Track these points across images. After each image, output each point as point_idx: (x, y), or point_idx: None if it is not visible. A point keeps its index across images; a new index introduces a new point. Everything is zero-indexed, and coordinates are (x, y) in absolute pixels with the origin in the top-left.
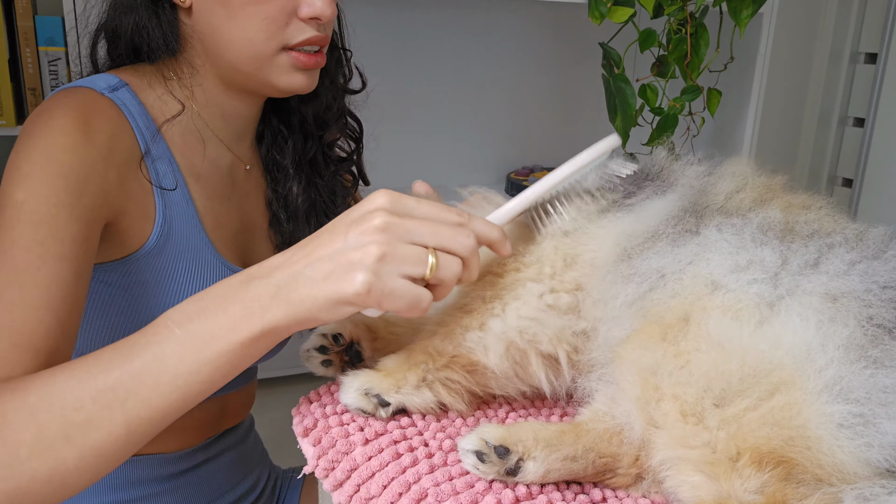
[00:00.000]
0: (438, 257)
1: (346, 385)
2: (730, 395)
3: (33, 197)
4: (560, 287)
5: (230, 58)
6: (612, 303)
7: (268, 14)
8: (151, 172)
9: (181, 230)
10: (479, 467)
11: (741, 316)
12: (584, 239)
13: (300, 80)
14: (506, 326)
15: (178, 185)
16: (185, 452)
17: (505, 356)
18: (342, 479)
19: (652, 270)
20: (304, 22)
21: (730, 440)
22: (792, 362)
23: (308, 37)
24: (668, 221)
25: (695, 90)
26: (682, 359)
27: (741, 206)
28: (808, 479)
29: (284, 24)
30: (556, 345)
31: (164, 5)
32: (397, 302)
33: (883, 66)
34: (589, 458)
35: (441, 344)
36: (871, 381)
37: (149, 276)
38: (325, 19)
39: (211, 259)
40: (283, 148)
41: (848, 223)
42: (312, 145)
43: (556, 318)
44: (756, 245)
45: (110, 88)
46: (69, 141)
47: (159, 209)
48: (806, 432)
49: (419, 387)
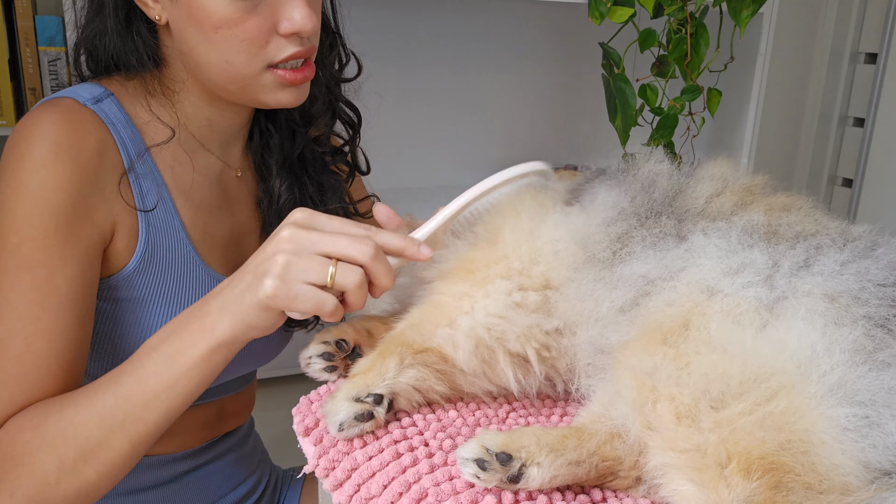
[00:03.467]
0: (339, 266)
1: (334, 405)
2: (728, 397)
3: (27, 241)
4: (528, 284)
5: (212, 77)
6: (597, 306)
7: (245, 35)
8: (135, 189)
9: (165, 247)
10: (480, 476)
11: (742, 320)
12: (540, 233)
13: (288, 97)
14: (474, 323)
15: (161, 203)
16: (185, 454)
17: (474, 353)
18: (342, 478)
19: (636, 276)
20: (285, 38)
21: (721, 443)
22: (795, 366)
23: (291, 52)
24: (621, 214)
25: (695, 90)
26: (682, 361)
27: (722, 210)
28: (798, 487)
29: (264, 43)
30: (525, 343)
31: (138, 27)
32: (303, 304)
33: (883, 66)
34: (592, 461)
35: (412, 336)
36: (876, 383)
37: (134, 294)
38: (306, 33)
39: (199, 273)
40: (271, 145)
41: (829, 222)
42: (300, 141)
43: (525, 316)
44: (744, 248)
45: (94, 100)
46: (53, 175)
47: (142, 228)
48: (809, 437)
49: (401, 369)
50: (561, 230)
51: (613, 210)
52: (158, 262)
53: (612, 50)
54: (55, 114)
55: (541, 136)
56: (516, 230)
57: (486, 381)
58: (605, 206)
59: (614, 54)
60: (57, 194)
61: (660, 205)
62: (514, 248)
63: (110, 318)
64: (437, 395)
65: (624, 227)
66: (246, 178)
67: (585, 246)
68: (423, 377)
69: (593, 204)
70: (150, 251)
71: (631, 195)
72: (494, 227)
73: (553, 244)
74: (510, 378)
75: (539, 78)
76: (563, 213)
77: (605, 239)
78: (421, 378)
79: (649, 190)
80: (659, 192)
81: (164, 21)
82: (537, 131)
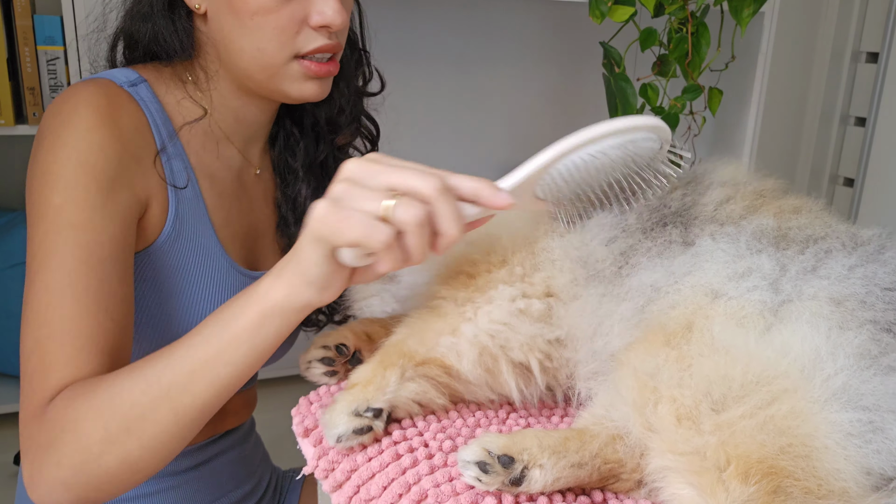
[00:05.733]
0: (399, 200)
1: (332, 418)
2: (729, 400)
3: (70, 202)
4: (532, 292)
5: (242, 65)
6: (603, 322)
7: (278, 24)
8: (166, 169)
9: (192, 226)
10: (481, 479)
11: (746, 322)
12: (535, 238)
13: (312, 89)
14: (478, 330)
15: (189, 183)
16: (186, 450)
17: (478, 362)
18: (342, 479)
19: (645, 286)
20: (314, 30)
21: (720, 446)
22: (798, 370)
23: (319, 45)
24: (625, 232)
25: (696, 89)
26: (685, 363)
27: (732, 216)
28: (797, 492)
29: (295, 33)
30: (528, 352)
31: (179, 13)
32: (351, 229)
33: (884, 66)
34: (595, 464)
35: (415, 346)
36: (881, 388)
37: (159, 271)
38: (335, 27)
39: (219, 256)
40: (295, 150)
41: (839, 225)
42: (324, 148)
43: (528, 325)
44: (752, 253)
45: (129, 83)
46: (97, 138)
47: (172, 204)
48: (811, 441)
49: (402, 382)
50: (555, 242)
51: (614, 229)
52: (185, 240)
53: (613, 49)
54: (96, 87)
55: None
56: (512, 233)
57: (488, 391)
58: (602, 228)
59: (615, 53)
60: (99, 157)
61: (667, 216)
62: (512, 253)
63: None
64: (437, 406)
65: (629, 242)
66: (264, 178)
67: (586, 264)
68: (423, 391)
69: (587, 223)
70: (178, 227)
71: (637, 214)
72: (487, 229)
73: (548, 252)
74: (513, 388)
75: (540, 77)
76: (556, 231)
77: (609, 256)
78: (422, 392)
79: (660, 209)
80: (668, 209)
81: (203, 10)
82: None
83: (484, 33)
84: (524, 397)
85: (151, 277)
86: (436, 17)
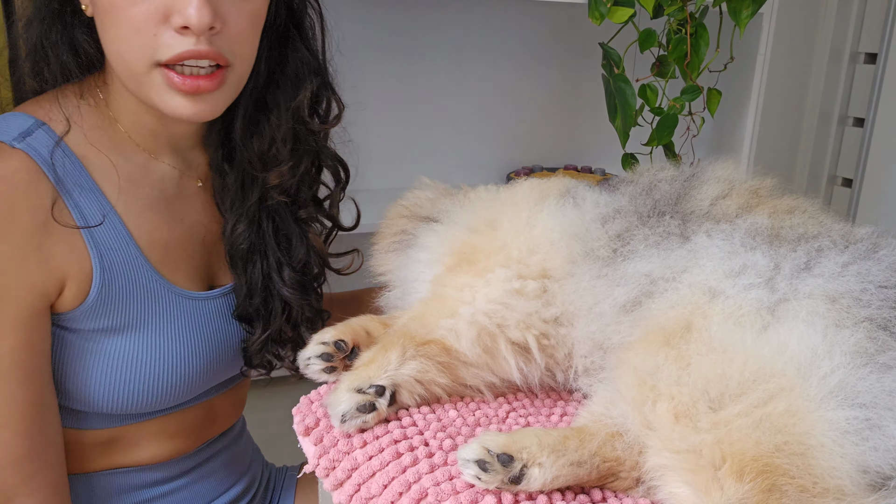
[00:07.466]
0: None
1: (336, 397)
2: (726, 398)
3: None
4: (527, 273)
5: (117, 72)
6: (598, 303)
7: (130, 23)
8: (74, 213)
9: (120, 267)
10: (481, 477)
11: (743, 321)
12: (537, 222)
13: (180, 105)
14: (475, 310)
15: (107, 216)
16: (178, 459)
17: (476, 342)
18: (343, 478)
19: (640, 275)
20: (178, 33)
21: (716, 444)
22: (795, 368)
23: (181, 51)
24: (619, 212)
25: (695, 90)
26: (683, 362)
27: (727, 212)
28: (792, 490)
29: (152, 35)
30: (525, 330)
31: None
32: None
33: (883, 66)
34: (594, 462)
35: (416, 328)
36: (877, 385)
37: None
38: (196, 29)
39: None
40: (226, 184)
41: (833, 224)
42: (257, 185)
43: (524, 303)
44: (747, 250)
45: (21, 136)
46: None
47: (94, 259)
48: (807, 439)
49: (403, 361)
50: (555, 220)
51: (608, 207)
52: (117, 283)
53: (612, 50)
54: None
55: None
56: (514, 220)
57: (488, 372)
58: (597, 204)
59: (614, 54)
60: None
61: (663, 205)
62: (512, 238)
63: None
64: (440, 387)
65: (624, 224)
66: (208, 188)
67: (582, 240)
68: (425, 369)
69: (584, 201)
70: (107, 278)
71: (629, 196)
72: (494, 217)
73: (548, 233)
74: (512, 366)
75: (539, 78)
76: (557, 206)
77: (604, 236)
78: (423, 370)
79: (651, 192)
80: (660, 193)
81: (91, 12)
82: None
83: (482, 33)
84: (525, 377)
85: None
86: (434, 18)
